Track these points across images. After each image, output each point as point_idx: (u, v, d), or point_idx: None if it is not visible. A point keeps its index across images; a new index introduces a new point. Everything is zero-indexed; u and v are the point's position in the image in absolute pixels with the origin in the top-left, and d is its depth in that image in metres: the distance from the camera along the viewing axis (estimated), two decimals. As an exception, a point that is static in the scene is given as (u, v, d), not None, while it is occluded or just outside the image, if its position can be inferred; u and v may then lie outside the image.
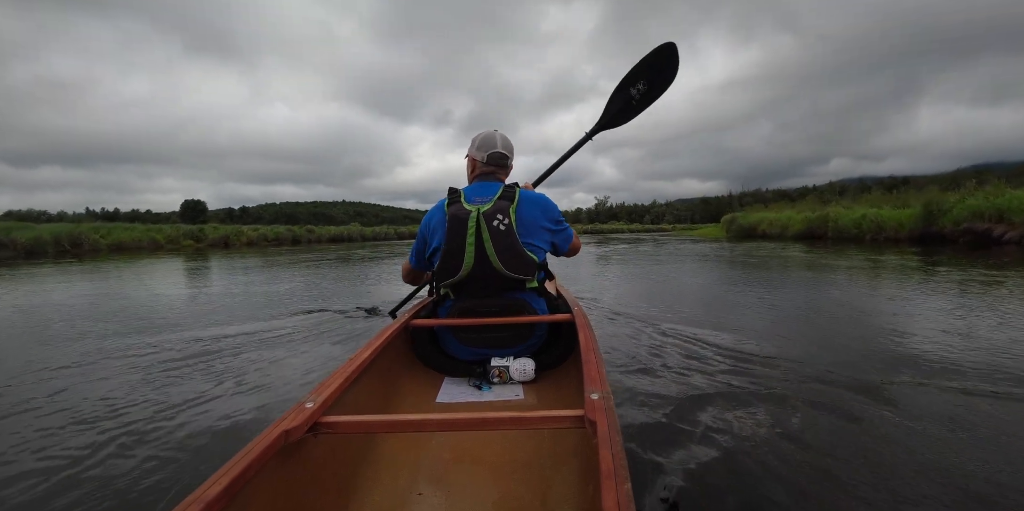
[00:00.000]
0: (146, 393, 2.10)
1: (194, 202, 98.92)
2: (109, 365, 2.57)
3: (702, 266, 7.90)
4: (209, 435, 1.67)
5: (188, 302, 4.84)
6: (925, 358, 2.31)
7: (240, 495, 0.74)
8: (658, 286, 5.43)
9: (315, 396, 1.02)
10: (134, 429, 1.73)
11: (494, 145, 1.73)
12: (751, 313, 3.51)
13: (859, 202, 16.72)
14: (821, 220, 15.17)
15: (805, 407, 1.70)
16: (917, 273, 5.91)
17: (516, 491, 1.06)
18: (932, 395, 1.83)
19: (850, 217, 13.97)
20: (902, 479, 1.25)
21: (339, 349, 2.82)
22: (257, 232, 25.36)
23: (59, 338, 3.24)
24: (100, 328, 3.54)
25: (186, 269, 9.53)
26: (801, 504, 1.15)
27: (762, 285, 5.05)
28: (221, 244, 23.14)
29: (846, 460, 1.34)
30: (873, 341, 2.62)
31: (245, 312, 4.14)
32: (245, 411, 1.87)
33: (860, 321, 3.15)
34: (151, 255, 14.98)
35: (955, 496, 1.19)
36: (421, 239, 1.78)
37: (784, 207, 21.60)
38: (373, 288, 5.82)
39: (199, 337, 3.17)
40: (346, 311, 4.02)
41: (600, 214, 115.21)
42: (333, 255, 13.22)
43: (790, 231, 16.76)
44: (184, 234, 22.99)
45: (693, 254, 10.52)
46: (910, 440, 1.46)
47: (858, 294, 4.35)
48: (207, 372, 2.40)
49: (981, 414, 1.65)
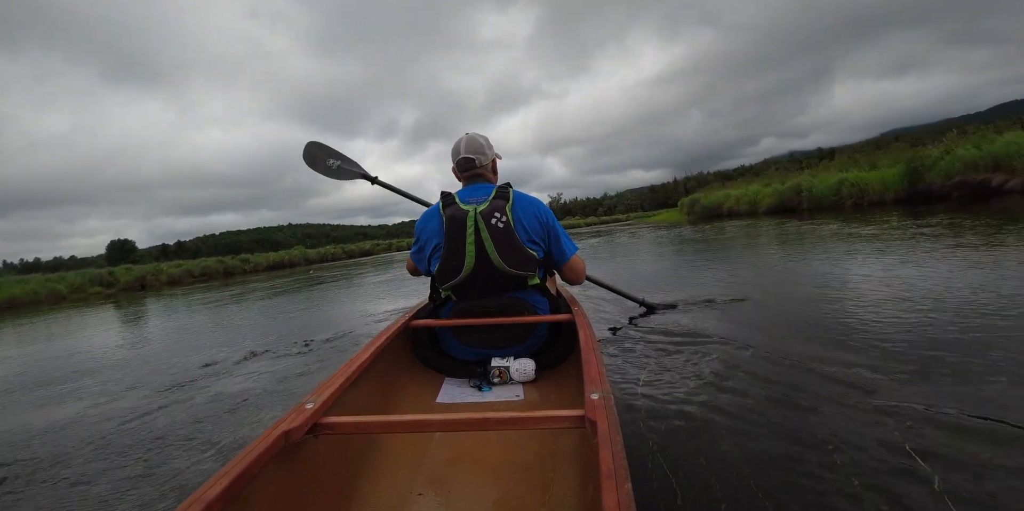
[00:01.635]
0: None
1: (120, 242, 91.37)
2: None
3: (685, 254, 6.75)
4: (209, 435, 1.69)
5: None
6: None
7: (241, 495, 0.74)
8: (652, 278, 4.89)
9: (315, 397, 1.01)
10: (135, 429, 1.80)
11: (458, 152, 1.75)
12: (754, 307, 3.08)
13: (822, 170, 16.02)
14: (793, 191, 14.21)
15: (812, 406, 1.58)
16: (925, 235, 5.06)
17: (516, 491, 1.05)
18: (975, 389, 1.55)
19: (825, 183, 13.03)
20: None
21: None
22: (180, 268, 22.41)
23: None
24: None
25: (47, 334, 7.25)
26: (803, 502, 1.11)
27: (764, 271, 4.41)
28: (137, 287, 20.21)
29: (853, 460, 1.26)
30: (891, 326, 2.28)
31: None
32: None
33: (875, 303, 2.72)
34: (50, 310, 12.39)
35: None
36: (419, 244, 1.77)
37: (746, 183, 20.84)
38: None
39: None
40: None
41: (556, 211, 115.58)
42: (265, 288, 11.04)
43: (761, 206, 15.76)
44: (91, 280, 19.89)
45: (673, 241, 9.21)
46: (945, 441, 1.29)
47: (865, 267, 3.81)
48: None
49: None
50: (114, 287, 20.06)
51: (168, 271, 21.75)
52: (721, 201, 19.41)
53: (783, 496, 1.14)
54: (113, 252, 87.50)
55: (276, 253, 28.01)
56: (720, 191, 21.47)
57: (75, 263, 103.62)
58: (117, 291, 19.57)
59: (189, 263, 23.99)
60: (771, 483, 1.19)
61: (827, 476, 1.19)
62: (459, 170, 1.75)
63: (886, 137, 38.24)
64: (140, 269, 21.43)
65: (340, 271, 14.60)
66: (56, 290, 17.98)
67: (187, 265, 23.10)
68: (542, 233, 1.67)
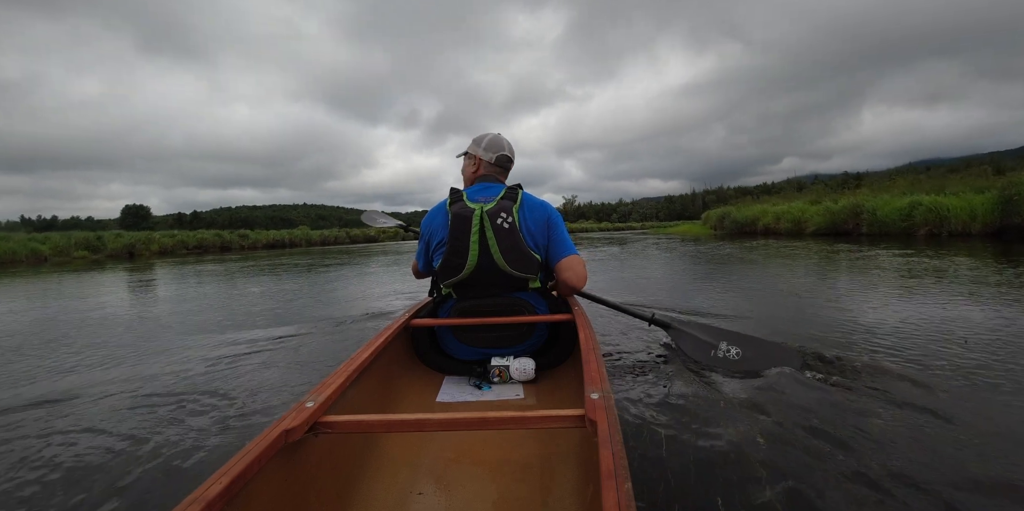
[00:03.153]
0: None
1: (135, 207, 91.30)
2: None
3: (732, 274, 5.26)
4: (209, 436, 1.58)
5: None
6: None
7: (240, 495, 0.73)
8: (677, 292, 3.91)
9: (315, 396, 1.00)
10: (134, 430, 1.66)
11: (502, 148, 1.75)
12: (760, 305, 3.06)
13: (882, 190, 14.29)
14: (850, 212, 12.48)
15: (816, 410, 1.54)
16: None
17: (516, 491, 1.05)
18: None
19: (892, 206, 11.35)
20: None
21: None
22: (174, 239, 21.21)
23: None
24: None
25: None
26: (804, 502, 1.09)
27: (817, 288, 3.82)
28: (125, 254, 19.05)
29: (858, 459, 1.25)
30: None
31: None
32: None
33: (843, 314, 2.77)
34: (27, 272, 11.12)
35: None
36: (424, 241, 1.76)
37: (785, 200, 19.08)
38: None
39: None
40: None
41: (569, 213, 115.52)
42: (249, 265, 9.69)
43: (807, 226, 14.04)
44: (77, 243, 18.76)
45: (715, 258, 7.65)
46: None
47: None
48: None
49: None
50: (101, 252, 18.92)
51: (160, 240, 20.54)
52: (756, 217, 17.72)
53: (783, 496, 1.12)
54: (127, 217, 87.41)
55: (277, 231, 26.66)
56: (754, 206, 19.76)
57: (91, 224, 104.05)
58: (104, 257, 18.44)
59: (184, 234, 22.80)
60: (771, 483, 1.17)
61: (827, 476, 1.18)
62: (495, 164, 1.74)
63: (915, 166, 36.70)
64: (130, 236, 20.22)
65: (348, 260, 13.20)
66: (38, 251, 16.86)
67: (181, 236, 21.89)
68: (546, 234, 1.67)
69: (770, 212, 17.01)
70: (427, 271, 1.80)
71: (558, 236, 1.66)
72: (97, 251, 19.03)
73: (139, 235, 20.68)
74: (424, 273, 1.85)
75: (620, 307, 2.20)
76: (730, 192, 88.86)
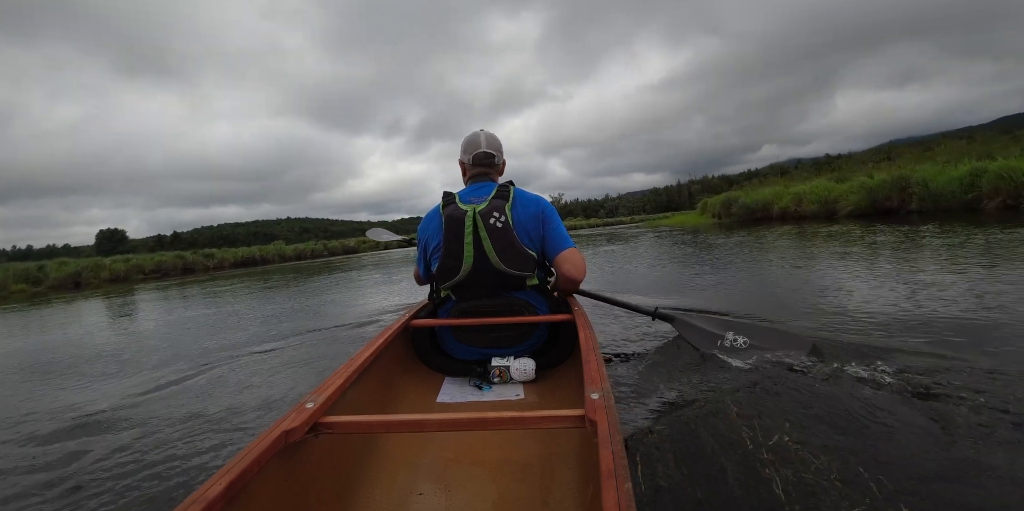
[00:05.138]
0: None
1: (110, 232, 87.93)
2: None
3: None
4: (209, 437, 1.59)
5: None
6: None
7: (241, 495, 0.73)
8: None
9: (315, 396, 1.00)
10: (134, 431, 1.68)
11: (478, 145, 1.73)
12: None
13: (921, 160, 12.61)
14: (896, 185, 10.74)
15: (818, 408, 1.45)
16: None
17: (516, 491, 1.05)
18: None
19: (948, 176, 9.63)
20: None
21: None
22: (128, 263, 19.04)
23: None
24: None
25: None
26: (804, 501, 1.05)
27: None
28: (70, 285, 16.90)
29: (867, 455, 1.19)
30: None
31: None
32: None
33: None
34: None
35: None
36: (421, 245, 1.76)
37: (804, 179, 17.35)
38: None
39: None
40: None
41: (557, 211, 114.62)
42: (213, 290, 7.72)
43: (842, 207, 12.29)
44: (14, 276, 16.59)
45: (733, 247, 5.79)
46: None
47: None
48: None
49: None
50: (42, 284, 16.77)
51: (112, 266, 18.36)
52: (770, 201, 15.98)
53: (783, 496, 1.07)
54: (102, 242, 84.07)
55: (248, 248, 24.47)
56: (765, 188, 18.05)
57: (66, 252, 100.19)
58: (46, 289, 16.31)
59: (140, 257, 20.62)
60: (771, 483, 1.12)
61: (834, 473, 1.13)
62: (476, 164, 1.73)
63: (895, 144, 36.97)
64: (76, 263, 17.98)
65: (293, 279, 11.23)
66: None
67: (136, 260, 19.72)
68: (541, 229, 1.65)
69: (786, 194, 15.27)
70: (428, 276, 1.77)
71: (553, 230, 1.65)
72: (38, 283, 16.87)
73: (86, 262, 18.47)
74: (426, 279, 1.82)
75: (622, 302, 2.19)
76: (715, 181, 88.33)
